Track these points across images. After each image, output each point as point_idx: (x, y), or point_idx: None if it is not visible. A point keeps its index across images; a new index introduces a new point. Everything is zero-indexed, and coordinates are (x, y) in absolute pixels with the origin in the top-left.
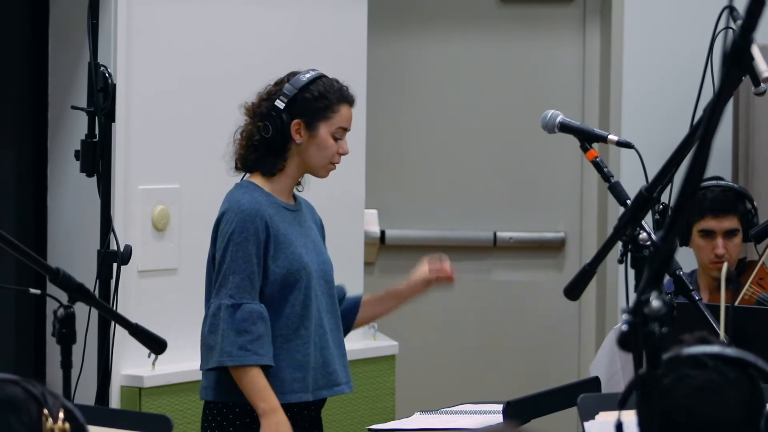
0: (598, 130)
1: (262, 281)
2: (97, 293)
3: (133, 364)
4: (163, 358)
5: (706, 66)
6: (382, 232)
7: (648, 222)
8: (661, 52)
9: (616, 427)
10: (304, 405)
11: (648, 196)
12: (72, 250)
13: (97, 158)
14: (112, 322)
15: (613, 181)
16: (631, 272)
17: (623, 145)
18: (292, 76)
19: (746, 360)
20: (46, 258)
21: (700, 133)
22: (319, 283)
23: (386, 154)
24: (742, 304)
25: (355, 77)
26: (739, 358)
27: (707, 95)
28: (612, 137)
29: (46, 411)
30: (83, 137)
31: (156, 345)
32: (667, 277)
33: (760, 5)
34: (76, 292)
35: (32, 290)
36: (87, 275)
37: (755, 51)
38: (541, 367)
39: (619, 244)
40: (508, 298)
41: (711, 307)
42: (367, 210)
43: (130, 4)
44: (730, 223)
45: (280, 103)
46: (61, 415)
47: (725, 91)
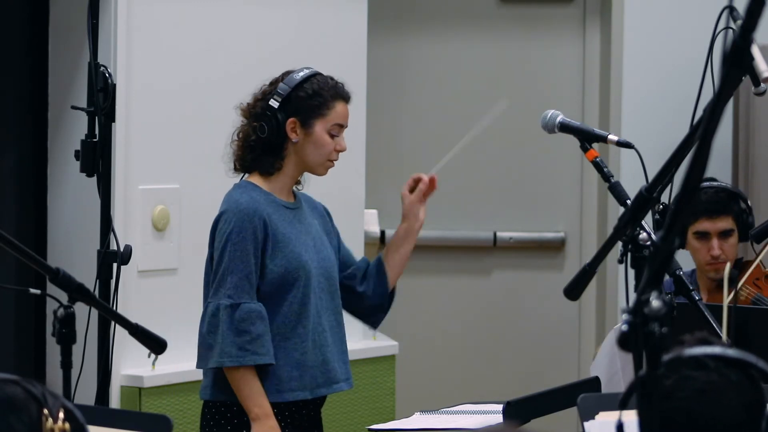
0: (598, 130)
1: (260, 280)
2: (97, 293)
3: (133, 364)
4: (163, 358)
5: (706, 66)
6: (382, 232)
7: (648, 222)
8: (661, 52)
9: (617, 428)
10: (302, 404)
11: (648, 196)
12: (72, 250)
13: (97, 158)
14: (112, 322)
15: (613, 181)
16: (631, 272)
17: (623, 145)
18: (287, 75)
19: (747, 361)
20: (46, 258)
21: (700, 133)
22: (319, 281)
23: (386, 154)
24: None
25: (355, 77)
26: (741, 360)
27: (707, 95)
28: (612, 137)
29: (46, 411)
30: (83, 137)
31: (156, 345)
32: (667, 277)
33: (760, 5)
34: (76, 292)
35: (32, 290)
36: (87, 275)
37: (755, 51)
38: (541, 367)
39: (619, 244)
40: (508, 299)
41: (711, 308)
42: (367, 210)
43: (130, 4)
44: (725, 223)
45: (274, 103)
46: (61, 415)
47: (725, 91)
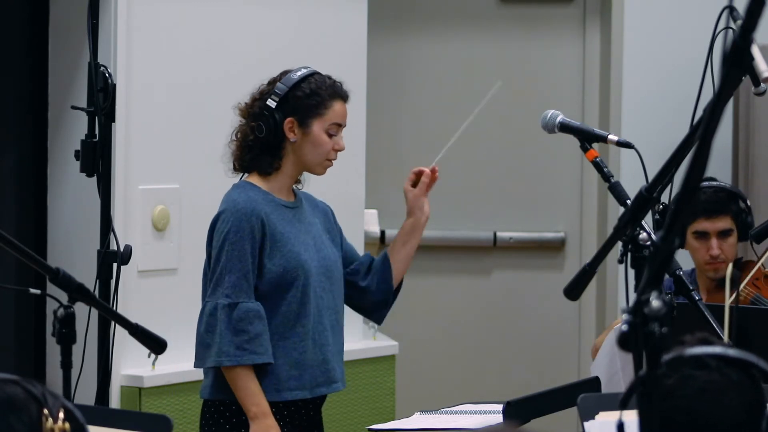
0: (598, 130)
1: (258, 279)
2: (97, 293)
3: (133, 364)
4: (163, 358)
5: (706, 66)
6: (382, 232)
7: (648, 222)
8: (661, 52)
9: (617, 428)
10: (302, 403)
11: (648, 196)
12: (72, 250)
13: (97, 158)
14: (112, 322)
15: (613, 181)
16: (631, 272)
17: (623, 145)
18: (284, 75)
19: (748, 361)
20: (46, 258)
21: (700, 133)
22: (320, 279)
23: (386, 154)
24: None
25: (355, 77)
26: (742, 359)
27: (707, 95)
28: (612, 137)
29: (46, 411)
30: (83, 137)
31: (156, 345)
32: (667, 277)
33: (760, 5)
34: (76, 292)
35: (32, 290)
36: (87, 275)
37: (755, 51)
38: (541, 367)
39: (619, 244)
40: (508, 299)
41: (710, 307)
42: (367, 210)
43: (130, 4)
44: (724, 223)
45: (271, 103)
46: (61, 415)
47: (725, 91)
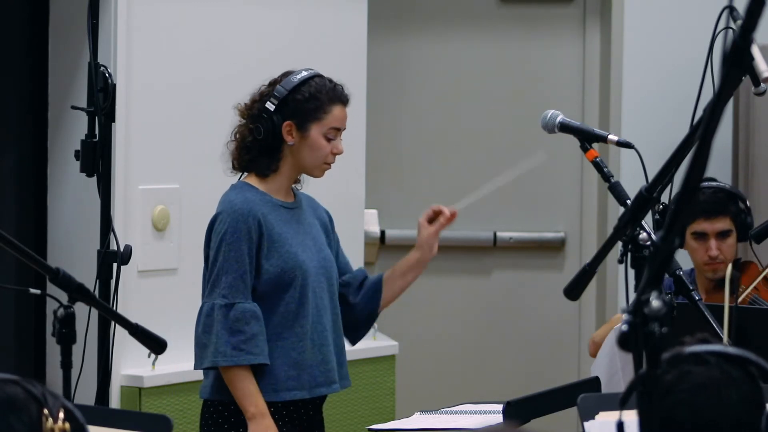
0: (598, 130)
1: (255, 279)
2: (97, 293)
3: (133, 364)
4: (163, 358)
5: (706, 66)
6: (382, 232)
7: (648, 222)
8: (661, 52)
9: (617, 427)
10: (301, 403)
11: (648, 196)
12: (72, 250)
13: (97, 158)
14: (112, 322)
15: (613, 181)
16: (631, 272)
17: (623, 145)
18: (285, 76)
19: (748, 358)
20: (46, 258)
21: (700, 133)
22: (319, 280)
23: (386, 154)
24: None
25: (355, 77)
26: (741, 357)
27: (707, 95)
28: (612, 137)
29: (46, 411)
30: (83, 137)
31: (156, 345)
32: (667, 277)
33: (760, 5)
34: (76, 292)
35: (32, 290)
36: (87, 275)
37: (755, 51)
38: (541, 367)
39: (619, 244)
40: (508, 299)
41: (710, 308)
42: (367, 210)
43: (130, 4)
44: (723, 224)
45: (270, 105)
46: (61, 415)
47: (725, 91)
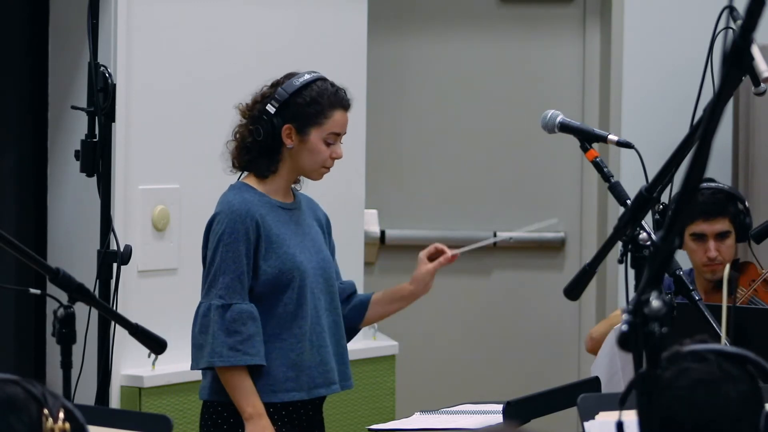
0: (598, 130)
1: (253, 280)
2: (97, 293)
3: (133, 364)
4: (163, 358)
5: (706, 66)
6: (382, 232)
7: (648, 222)
8: (661, 52)
9: (617, 427)
10: (300, 404)
11: (648, 196)
12: (72, 250)
13: (97, 158)
14: (112, 322)
15: (613, 181)
16: (631, 272)
17: (623, 145)
18: (288, 79)
19: (747, 357)
20: (46, 258)
21: (700, 133)
22: (317, 281)
23: (386, 154)
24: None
25: (355, 77)
26: (740, 355)
27: (707, 95)
28: (612, 137)
29: (46, 411)
30: (83, 137)
31: (156, 345)
32: (667, 277)
33: (760, 5)
34: (76, 292)
35: (32, 290)
36: (87, 275)
37: (755, 51)
38: (541, 367)
39: (619, 244)
40: (508, 299)
41: (710, 308)
42: (367, 210)
43: (130, 4)
44: (722, 225)
45: (271, 108)
46: (61, 415)
47: (725, 91)
